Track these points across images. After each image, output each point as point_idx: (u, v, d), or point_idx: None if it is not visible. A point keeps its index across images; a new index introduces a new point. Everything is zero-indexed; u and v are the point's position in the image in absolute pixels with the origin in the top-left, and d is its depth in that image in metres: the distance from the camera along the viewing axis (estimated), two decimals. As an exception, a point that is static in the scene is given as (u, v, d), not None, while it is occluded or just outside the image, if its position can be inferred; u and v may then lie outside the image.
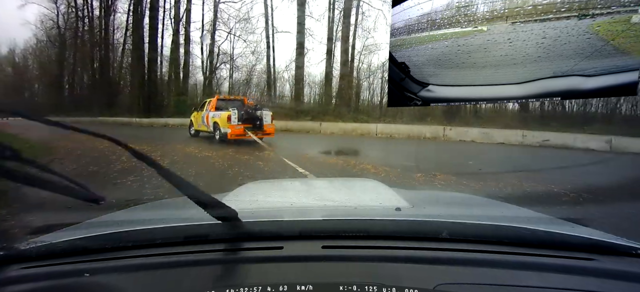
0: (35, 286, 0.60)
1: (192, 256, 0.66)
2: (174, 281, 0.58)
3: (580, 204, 3.86)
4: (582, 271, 0.60)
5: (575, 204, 3.82)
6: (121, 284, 0.59)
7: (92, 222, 1.00)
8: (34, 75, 33.90)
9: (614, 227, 0.96)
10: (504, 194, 4.37)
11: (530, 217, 1.00)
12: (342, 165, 6.75)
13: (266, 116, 9.65)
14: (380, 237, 0.71)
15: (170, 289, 0.57)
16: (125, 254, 0.68)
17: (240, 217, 0.88)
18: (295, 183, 1.52)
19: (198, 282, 0.57)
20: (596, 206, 3.96)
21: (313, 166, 6.19)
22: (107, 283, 0.59)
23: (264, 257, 0.66)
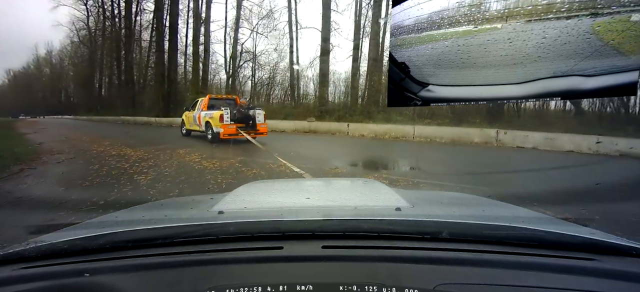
0: (35, 286, 0.60)
1: (192, 256, 0.66)
2: (174, 281, 0.58)
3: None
4: (582, 271, 0.60)
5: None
6: (121, 284, 0.59)
7: (92, 222, 1.00)
8: (70, 76, 34.16)
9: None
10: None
11: (530, 217, 1.00)
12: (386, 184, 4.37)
13: (259, 115, 9.55)
14: (380, 237, 0.71)
15: (170, 289, 0.57)
16: (125, 254, 0.68)
17: (241, 217, 0.88)
18: (296, 183, 1.52)
19: (198, 282, 0.57)
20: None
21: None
22: (107, 283, 0.59)
23: (264, 257, 0.66)
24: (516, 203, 1.32)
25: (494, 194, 2.89)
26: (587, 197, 3.84)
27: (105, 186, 4.28)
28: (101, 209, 3.20)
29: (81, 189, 4.11)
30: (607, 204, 3.60)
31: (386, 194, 1.18)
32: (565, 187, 4.59)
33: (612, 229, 0.81)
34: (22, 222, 2.73)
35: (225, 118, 8.96)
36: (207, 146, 8.65)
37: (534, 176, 5.73)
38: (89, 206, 3.23)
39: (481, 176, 5.64)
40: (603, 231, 0.79)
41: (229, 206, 0.99)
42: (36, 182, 4.53)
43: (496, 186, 4.70)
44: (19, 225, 2.42)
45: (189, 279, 0.58)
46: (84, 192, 3.94)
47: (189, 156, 6.90)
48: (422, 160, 7.65)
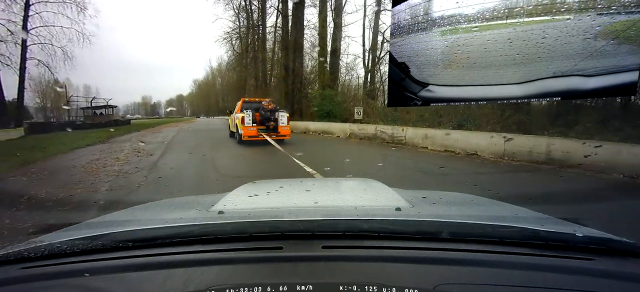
0: (35, 286, 0.60)
1: (192, 256, 0.66)
2: (174, 281, 0.58)
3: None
4: (581, 271, 0.60)
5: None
6: (121, 284, 0.59)
7: (92, 222, 1.00)
8: (233, 85, 36.98)
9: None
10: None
11: (530, 217, 1.00)
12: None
13: (282, 118, 9.76)
14: (380, 237, 0.71)
15: (171, 289, 0.57)
16: (125, 254, 0.68)
17: (240, 217, 0.88)
18: (296, 183, 1.51)
19: (198, 282, 0.57)
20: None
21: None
22: (107, 283, 0.59)
23: (264, 257, 0.66)
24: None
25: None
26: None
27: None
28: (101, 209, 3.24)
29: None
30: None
31: (386, 194, 1.18)
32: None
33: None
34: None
35: (247, 120, 9.20)
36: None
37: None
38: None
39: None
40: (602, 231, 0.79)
41: (228, 206, 0.99)
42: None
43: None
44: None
45: (189, 279, 0.58)
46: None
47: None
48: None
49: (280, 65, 21.46)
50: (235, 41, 28.84)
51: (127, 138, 11.33)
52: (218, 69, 48.27)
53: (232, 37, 28.08)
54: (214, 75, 55.26)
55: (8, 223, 2.77)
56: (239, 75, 31.97)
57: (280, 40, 22.62)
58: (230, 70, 35.93)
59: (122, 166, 5.84)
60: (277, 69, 23.69)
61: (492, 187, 4.48)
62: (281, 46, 21.78)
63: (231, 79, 36.15)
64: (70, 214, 3.14)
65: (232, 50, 30.30)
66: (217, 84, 52.71)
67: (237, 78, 32.68)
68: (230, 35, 27.74)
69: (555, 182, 4.84)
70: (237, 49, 29.63)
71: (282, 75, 20.39)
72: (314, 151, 8.96)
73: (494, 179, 5.25)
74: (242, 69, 30.17)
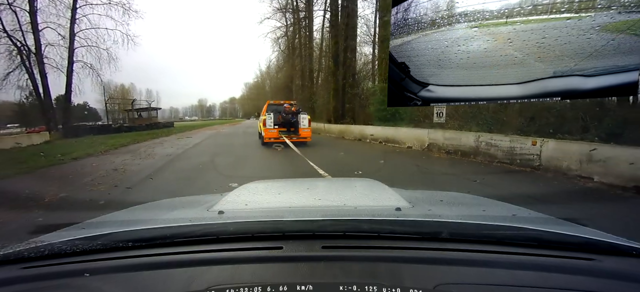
0: (35, 286, 0.60)
1: (192, 255, 0.66)
2: (174, 281, 0.58)
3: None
4: (581, 270, 0.60)
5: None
6: (121, 284, 0.59)
7: (92, 222, 1.00)
8: (280, 86, 36.20)
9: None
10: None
11: (530, 217, 1.00)
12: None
13: (303, 120, 9.90)
14: (380, 237, 0.71)
15: (171, 289, 0.57)
16: (125, 254, 0.68)
17: (241, 217, 0.88)
18: (296, 183, 1.51)
19: (198, 282, 0.57)
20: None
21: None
22: (106, 283, 0.59)
23: (264, 257, 0.66)
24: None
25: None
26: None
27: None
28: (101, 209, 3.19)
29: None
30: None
31: (386, 194, 1.18)
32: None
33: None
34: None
35: (268, 123, 9.40)
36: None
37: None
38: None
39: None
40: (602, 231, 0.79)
41: (229, 206, 0.99)
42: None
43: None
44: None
45: (189, 278, 0.58)
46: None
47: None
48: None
49: (328, 58, 18.10)
50: (281, 38, 28.44)
51: (137, 147, 10.56)
52: (266, 71, 49.70)
53: (278, 36, 27.76)
54: (263, 78, 57.15)
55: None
56: (285, 75, 31.69)
57: (328, 26, 18.96)
58: (278, 71, 36.27)
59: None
60: (325, 62, 20.77)
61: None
62: (330, 32, 17.89)
63: (279, 81, 36.24)
64: (70, 214, 3.12)
65: (278, 50, 30.00)
66: (266, 86, 54.00)
67: (284, 78, 32.38)
68: (276, 33, 27.32)
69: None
70: (284, 48, 29.20)
71: (330, 68, 17.01)
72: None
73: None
74: (289, 68, 29.58)
